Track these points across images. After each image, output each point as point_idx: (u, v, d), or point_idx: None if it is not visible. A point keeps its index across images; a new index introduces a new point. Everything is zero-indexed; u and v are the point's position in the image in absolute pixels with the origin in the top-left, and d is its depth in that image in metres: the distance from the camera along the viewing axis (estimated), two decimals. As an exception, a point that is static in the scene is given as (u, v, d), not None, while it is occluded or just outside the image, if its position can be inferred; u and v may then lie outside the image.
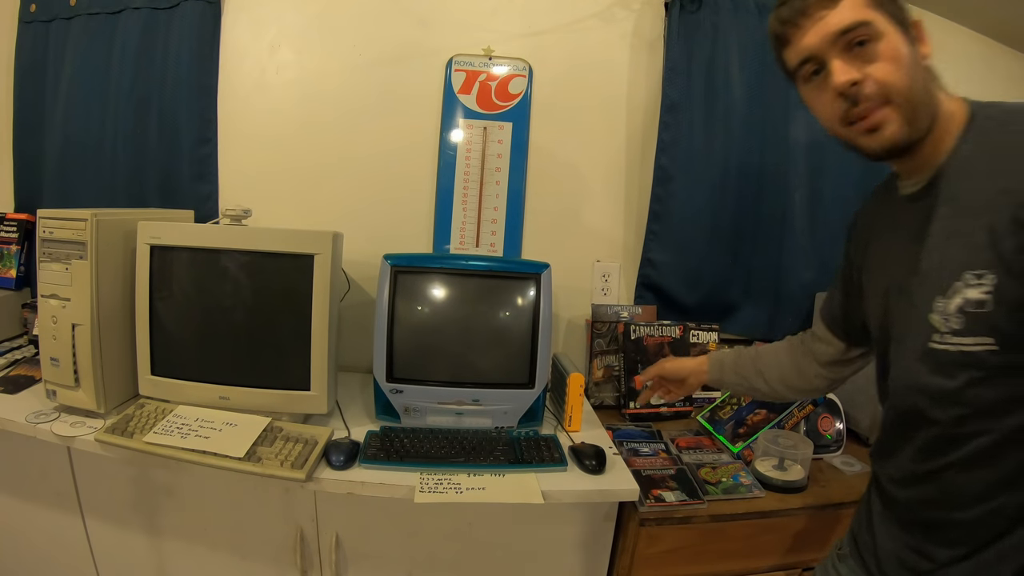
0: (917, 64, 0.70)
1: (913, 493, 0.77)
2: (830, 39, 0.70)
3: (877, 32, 0.68)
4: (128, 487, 1.20)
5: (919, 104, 0.69)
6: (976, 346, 0.64)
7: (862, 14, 0.68)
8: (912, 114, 0.68)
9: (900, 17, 0.70)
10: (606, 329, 1.62)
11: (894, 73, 0.67)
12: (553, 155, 1.65)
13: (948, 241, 0.67)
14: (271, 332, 1.23)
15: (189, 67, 1.55)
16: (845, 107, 0.70)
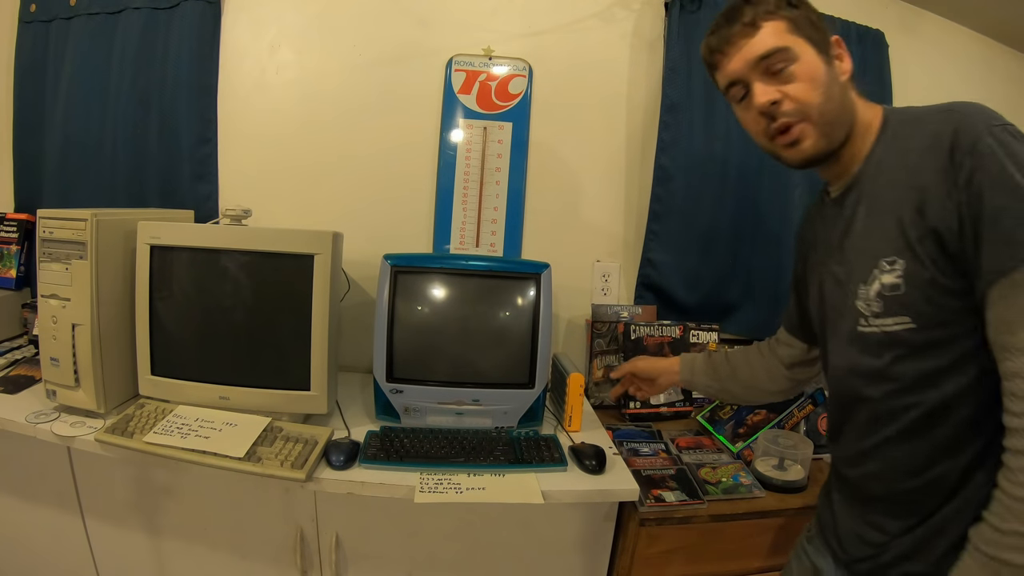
0: (834, 81, 0.78)
1: (860, 471, 0.84)
2: (751, 64, 0.79)
3: (794, 56, 0.77)
4: (128, 487, 1.20)
5: (834, 119, 0.77)
6: (896, 326, 0.72)
7: (779, 40, 0.77)
8: (827, 128, 0.78)
9: (818, 38, 0.78)
10: (606, 329, 1.62)
11: (809, 92, 0.76)
12: (553, 155, 1.65)
13: (867, 234, 0.76)
14: (271, 332, 1.23)
15: (189, 67, 1.55)
16: (767, 124, 0.79)
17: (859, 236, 0.77)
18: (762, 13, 0.78)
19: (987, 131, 0.65)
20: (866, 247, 0.76)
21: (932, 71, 1.76)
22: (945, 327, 0.70)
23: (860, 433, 0.82)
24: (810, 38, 0.78)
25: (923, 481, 0.75)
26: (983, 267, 0.65)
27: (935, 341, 0.71)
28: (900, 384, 0.74)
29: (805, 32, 0.78)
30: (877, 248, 0.74)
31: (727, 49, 0.81)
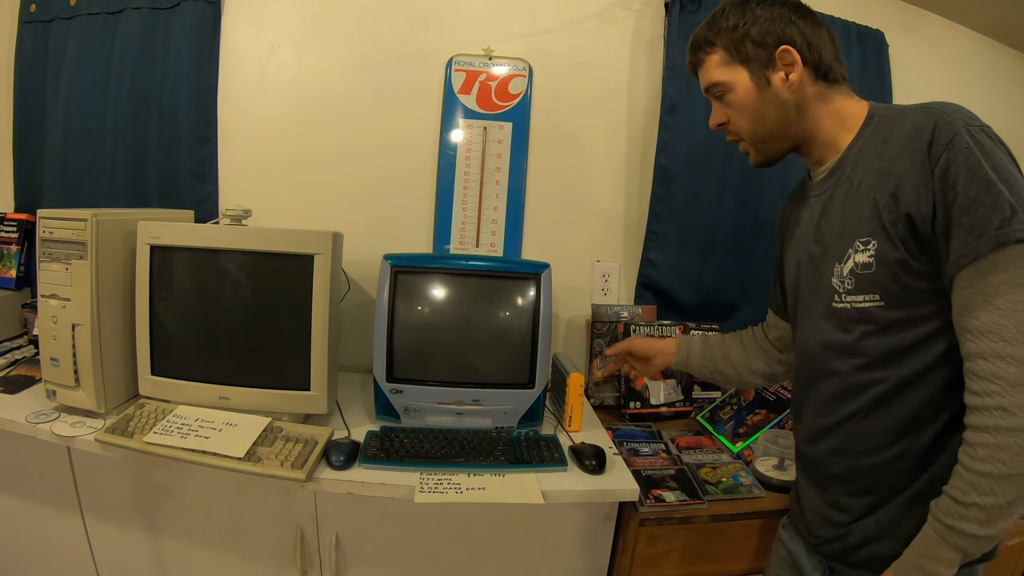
0: (768, 102, 0.85)
1: (821, 447, 0.88)
2: (704, 90, 0.92)
3: (728, 87, 0.87)
4: (128, 487, 1.20)
5: (767, 137, 0.88)
6: (866, 303, 0.77)
7: (715, 75, 0.88)
8: (762, 145, 0.89)
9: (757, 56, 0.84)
10: (606, 329, 1.62)
11: (740, 120, 0.89)
12: (553, 155, 1.65)
13: (843, 216, 0.81)
14: (271, 332, 1.23)
15: (189, 67, 1.55)
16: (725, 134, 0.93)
17: (836, 217, 0.82)
18: (704, 46, 0.88)
19: (965, 129, 0.69)
20: (843, 228, 0.81)
21: (932, 71, 1.76)
22: (911, 307, 0.75)
23: (822, 409, 0.87)
24: (748, 59, 0.84)
25: (884, 458, 0.79)
26: (952, 253, 0.69)
27: (901, 320, 0.75)
28: (867, 359, 0.79)
29: (743, 54, 0.84)
30: (853, 229, 0.78)
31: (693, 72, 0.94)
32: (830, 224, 0.84)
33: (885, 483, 0.80)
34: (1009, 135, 2.02)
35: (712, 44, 0.87)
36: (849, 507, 0.84)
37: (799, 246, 0.92)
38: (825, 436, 0.87)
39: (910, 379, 0.76)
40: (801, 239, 0.92)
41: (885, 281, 0.75)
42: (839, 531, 0.86)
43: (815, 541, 0.91)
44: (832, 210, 0.84)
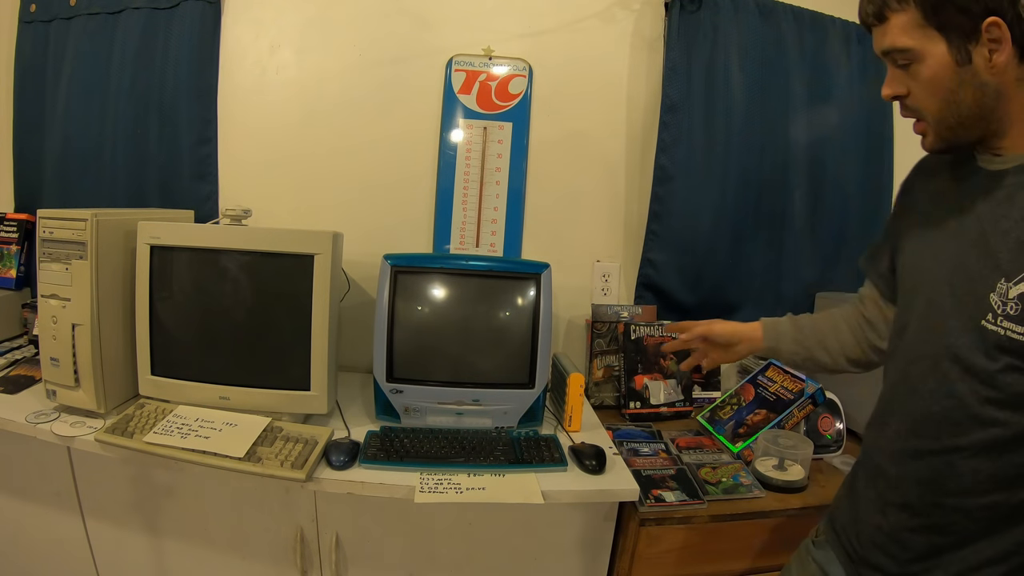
0: (965, 84, 0.70)
1: (906, 470, 0.77)
2: (879, 52, 0.75)
3: (916, 56, 0.71)
4: (128, 487, 1.20)
5: (956, 123, 0.72)
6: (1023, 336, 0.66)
7: (901, 39, 0.71)
8: (947, 132, 0.73)
9: (959, 25, 0.68)
10: (606, 329, 1.62)
11: (926, 99, 0.72)
12: (553, 155, 1.65)
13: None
14: (271, 332, 1.23)
15: (189, 67, 1.55)
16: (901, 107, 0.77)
17: (1014, 226, 0.69)
18: (891, 2, 0.71)
19: None
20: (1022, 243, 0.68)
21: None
22: None
23: (922, 429, 0.75)
24: (948, 26, 0.68)
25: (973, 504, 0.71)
26: None
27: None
28: (1001, 395, 0.68)
29: (942, 19, 0.68)
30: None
31: (866, 28, 0.77)
32: (1003, 229, 0.70)
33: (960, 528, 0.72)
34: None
35: (901, 2, 0.70)
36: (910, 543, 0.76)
37: (946, 234, 0.78)
38: (914, 459, 0.76)
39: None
40: (954, 229, 0.77)
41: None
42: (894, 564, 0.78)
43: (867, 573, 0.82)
44: (1010, 213, 0.70)
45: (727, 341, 1.07)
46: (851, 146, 1.68)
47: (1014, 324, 0.66)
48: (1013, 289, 0.67)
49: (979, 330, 0.70)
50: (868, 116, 1.69)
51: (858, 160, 1.68)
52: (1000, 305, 0.68)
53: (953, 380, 0.72)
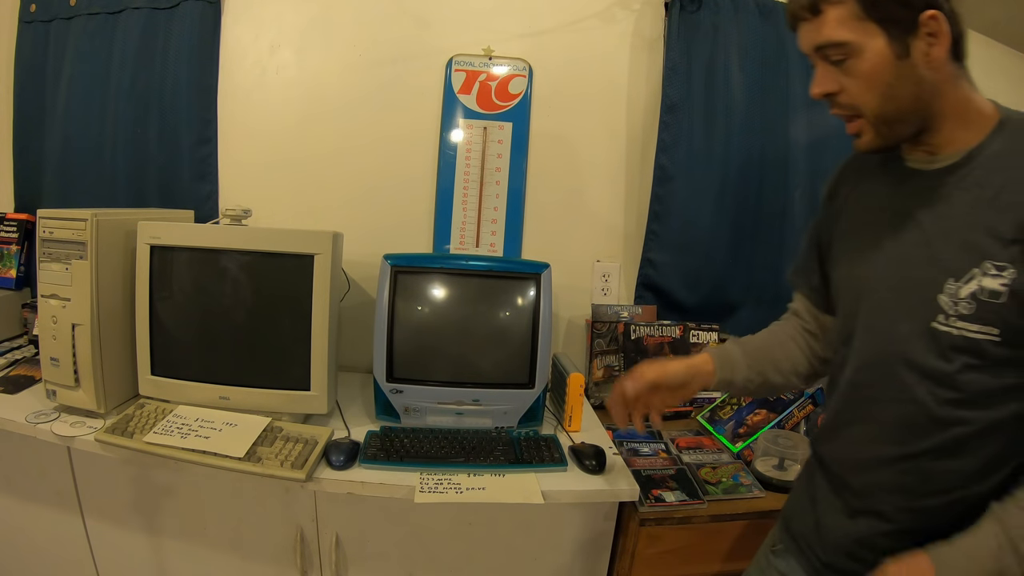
0: (904, 77, 0.68)
1: (872, 479, 0.76)
2: (810, 48, 0.72)
3: (854, 51, 0.68)
4: (128, 487, 1.20)
5: (895, 120, 0.70)
6: (980, 334, 0.66)
7: (839, 32, 0.68)
8: (885, 128, 0.71)
9: (898, 18, 0.66)
10: (606, 329, 1.62)
11: (865, 94, 0.69)
12: (553, 155, 1.65)
13: (971, 227, 0.67)
14: (271, 332, 1.23)
15: (189, 67, 1.55)
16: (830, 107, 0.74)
17: (958, 225, 0.68)
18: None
19: None
20: (968, 241, 0.67)
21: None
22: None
23: (885, 437, 0.74)
24: (887, 19, 0.66)
25: (944, 501, 0.71)
26: None
27: (1012, 360, 0.66)
28: (961, 395, 0.68)
29: (882, 12, 0.66)
30: (985, 247, 0.66)
31: (794, 23, 0.73)
32: (944, 230, 0.70)
33: (933, 527, 0.71)
34: (1009, 135, 1.97)
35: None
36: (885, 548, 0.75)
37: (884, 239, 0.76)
38: (881, 468, 0.75)
39: (999, 423, 0.67)
40: (892, 233, 0.76)
41: (1012, 316, 0.64)
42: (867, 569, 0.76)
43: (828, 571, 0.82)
44: (951, 214, 0.69)
45: (681, 381, 0.93)
46: (851, 146, 1.67)
47: (968, 323, 0.66)
48: (964, 288, 0.67)
49: (930, 332, 0.69)
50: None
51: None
52: (951, 305, 0.67)
53: (911, 385, 0.71)
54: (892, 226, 0.76)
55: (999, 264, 0.64)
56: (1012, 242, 0.64)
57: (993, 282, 0.64)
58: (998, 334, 0.65)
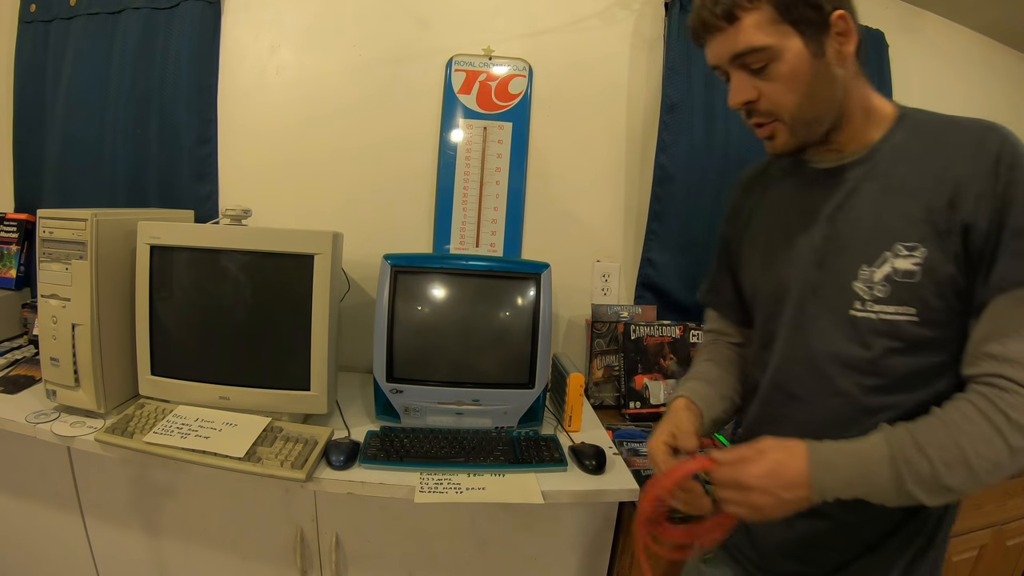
0: (821, 76, 0.70)
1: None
2: (726, 58, 0.72)
3: (774, 55, 0.69)
4: (128, 487, 1.20)
5: (812, 119, 0.72)
6: (897, 315, 0.68)
7: (758, 37, 0.68)
8: (802, 128, 0.72)
9: (812, 19, 0.68)
10: (606, 329, 1.62)
11: (786, 96, 0.70)
12: (553, 155, 1.65)
13: (879, 214, 0.70)
14: (271, 332, 1.23)
15: (189, 67, 1.55)
16: (744, 116, 0.75)
17: (865, 213, 0.71)
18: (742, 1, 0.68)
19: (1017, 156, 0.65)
20: (878, 226, 0.70)
21: (932, 71, 1.76)
22: (943, 327, 0.68)
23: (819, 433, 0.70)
24: (801, 21, 0.68)
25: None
26: (995, 275, 0.64)
27: (929, 340, 0.68)
28: (885, 380, 0.70)
29: (796, 15, 0.68)
30: (894, 230, 0.68)
31: (704, 34, 0.73)
32: (854, 219, 0.72)
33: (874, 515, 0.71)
34: (1009, 135, 1.96)
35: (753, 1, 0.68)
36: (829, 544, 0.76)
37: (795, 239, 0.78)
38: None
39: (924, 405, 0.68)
40: (802, 231, 0.77)
41: (927, 295, 0.67)
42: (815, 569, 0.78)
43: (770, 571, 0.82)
44: (857, 204, 0.72)
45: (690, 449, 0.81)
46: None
47: (885, 306, 0.68)
48: (878, 272, 0.69)
49: (849, 321, 0.71)
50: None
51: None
52: (866, 290, 0.69)
53: (834, 377, 0.72)
54: (803, 224, 0.77)
55: (909, 245, 0.67)
56: (921, 222, 0.67)
57: (905, 262, 0.67)
58: (915, 313, 0.67)
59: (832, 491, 0.64)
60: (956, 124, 0.71)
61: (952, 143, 0.69)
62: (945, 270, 0.66)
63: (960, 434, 0.62)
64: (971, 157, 0.66)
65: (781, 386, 0.78)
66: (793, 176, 0.82)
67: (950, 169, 0.67)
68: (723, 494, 0.67)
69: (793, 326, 0.77)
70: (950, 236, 0.66)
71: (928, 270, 0.66)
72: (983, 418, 0.62)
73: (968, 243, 0.65)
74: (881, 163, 0.72)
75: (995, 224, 0.64)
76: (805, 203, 0.78)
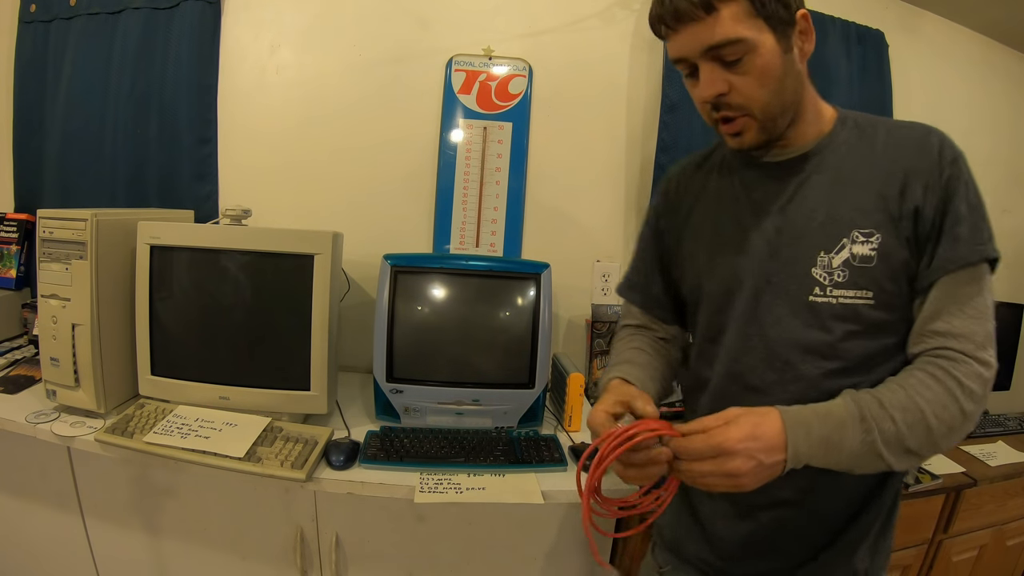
0: (789, 72, 0.72)
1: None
2: (699, 50, 0.70)
3: (749, 47, 0.69)
4: (128, 487, 1.20)
5: (779, 113, 0.73)
6: (856, 299, 0.71)
7: (736, 30, 0.68)
8: (771, 123, 0.73)
9: (782, 16, 0.69)
10: (606, 329, 1.62)
11: (758, 89, 0.71)
12: (553, 155, 1.65)
13: (833, 204, 0.73)
14: (271, 332, 1.23)
15: (189, 67, 1.55)
16: (709, 110, 0.74)
17: (819, 204, 0.74)
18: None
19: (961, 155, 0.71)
20: (833, 216, 0.73)
21: (932, 71, 1.76)
22: (895, 310, 0.72)
23: None
24: (773, 18, 0.69)
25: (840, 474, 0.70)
26: (939, 257, 0.69)
27: (884, 322, 0.71)
28: (845, 363, 0.72)
29: (770, 10, 0.69)
30: (850, 219, 0.72)
31: (676, 26, 0.71)
32: (808, 209, 0.74)
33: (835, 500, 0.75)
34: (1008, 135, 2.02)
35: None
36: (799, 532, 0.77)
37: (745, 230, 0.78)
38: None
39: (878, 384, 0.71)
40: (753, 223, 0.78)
41: (882, 278, 0.70)
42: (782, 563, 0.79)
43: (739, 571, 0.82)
44: (810, 195, 0.75)
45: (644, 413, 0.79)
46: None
47: (844, 290, 0.71)
48: (836, 258, 0.72)
49: (808, 307, 0.73)
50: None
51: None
52: (826, 276, 0.72)
53: (796, 363, 0.73)
54: (754, 216, 0.78)
55: (866, 231, 0.71)
56: (876, 210, 0.71)
57: (863, 248, 0.71)
58: (872, 296, 0.70)
59: (806, 455, 0.64)
60: (899, 124, 0.76)
61: (898, 141, 0.73)
62: (899, 255, 0.70)
63: (919, 397, 0.65)
64: (917, 153, 0.71)
65: (737, 378, 0.78)
66: (739, 170, 0.82)
67: (899, 162, 0.71)
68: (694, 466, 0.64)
69: (747, 318, 0.77)
70: (902, 221, 0.70)
71: (883, 255, 0.70)
72: (938, 383, 0.66)
73: (917, 227, 0.70)
74: (829, 157, 0.75)
75: (939, 212, 0.69)
76: (755, 196, 0.79)
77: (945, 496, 1.37)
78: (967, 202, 0.69)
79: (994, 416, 1.76)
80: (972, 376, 0.66)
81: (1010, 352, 1.74)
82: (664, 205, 0.92)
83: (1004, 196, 1.87)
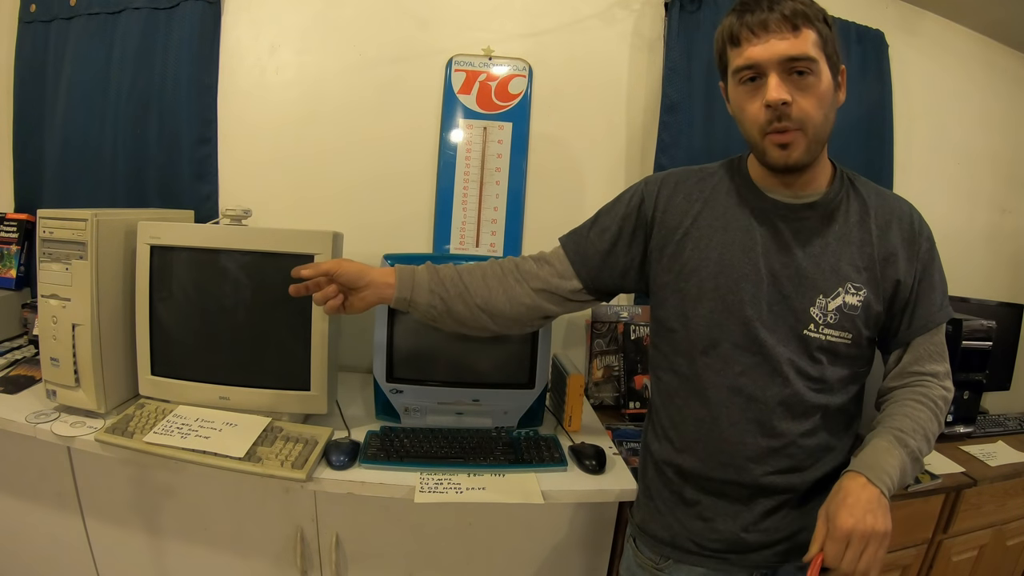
0: (832, 106, 0.83)
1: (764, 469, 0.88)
2: (777, 59, 0.79)
3: (817, 70, 0.80)
4: (128, 487, 1.20)
5: (822, 139, 0.84)
6: (838, 338, 0.86)
7: (813, 51, 0.79)
8: (815, 145, 0.83)
9: (835, 62, 0.83)
10: (606, 329, 1.62)
11: (816, 108, 0.80)
12: (553, 155, 1.65)
13: (838, 258, 0.86)
14: (271, 332, 1.23)
15: (189, 67, 1.55)
16: (768, 118, 0.81)
17: (827, 255, 0.86)
18: (806, 17, 0.79)
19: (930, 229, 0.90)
20: (836, 268, 0.86)
21: (932, 71, 1.76)
22: (863, 348, 0.89)
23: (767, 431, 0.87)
24: (830, 57, 0.82)
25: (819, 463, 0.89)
26: (919, 318, 0.88)
27: (854, 356, 0.88)
28: (825, 384, 0.87)
29: (828, 50, 0.81)
30: (846, 273, 0.86)
31: (760, 33, 0.79)
32: (816, 257, 0.86)
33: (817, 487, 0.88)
34: (1008, 135, 2.01)
35: (810, 23, 0.79)
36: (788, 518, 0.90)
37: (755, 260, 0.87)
38: (771, 457, 0.87)
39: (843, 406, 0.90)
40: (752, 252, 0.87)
41: (860, 325, 0.86)
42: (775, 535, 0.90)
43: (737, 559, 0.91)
44: (818, 244, 0.87)
45: (353, 284, 0.95)
46: (850, 145, 1.68)
47: (832, 329, 0.86)
48: (832, 303, 0.86)
49: (801, 338, 0.86)
50: (868, 115, 1.69)
51: (857, 159, 1.68)
52: (820, 316, 0.86)
53: (791, 379, 0.86)
54: (765, 249, 0.87)
55: (856, 285, 0.86)
56: (864, 269, 0.86)
57: (853, 299, 0.86)
58: (850, 338, 0.86)
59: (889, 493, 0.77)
60: (884, 194, 0.91)
61: (887, 211, 0.88)
62: (876, 308, 0.87)
63: (919, 419, 0.83)
64: (899, 226, 0.88)
65: (741, 390, 0.88)
66: (745, 197, 0.91)
67: (888, 235, 0.87)
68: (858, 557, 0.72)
69: (747, 338, 0.87)
70: (884, 284, 0.87)
71: (865, 307, 0.86)
72: (923, 406, 0.85)
73: (897, 293, 0.87)
74: (836, 213, 0.88)
75: (916, 282, 0.87)
76: (767, 229, 0.88)
77: (945, 496, 1.37)
78: (939, 272, 0.90)
79: (994, 416, 1.76)
80: (943, 400, 0.87)
81: (1010, 352, 1.74)
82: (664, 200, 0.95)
83: (1004, 196, 1.87)
